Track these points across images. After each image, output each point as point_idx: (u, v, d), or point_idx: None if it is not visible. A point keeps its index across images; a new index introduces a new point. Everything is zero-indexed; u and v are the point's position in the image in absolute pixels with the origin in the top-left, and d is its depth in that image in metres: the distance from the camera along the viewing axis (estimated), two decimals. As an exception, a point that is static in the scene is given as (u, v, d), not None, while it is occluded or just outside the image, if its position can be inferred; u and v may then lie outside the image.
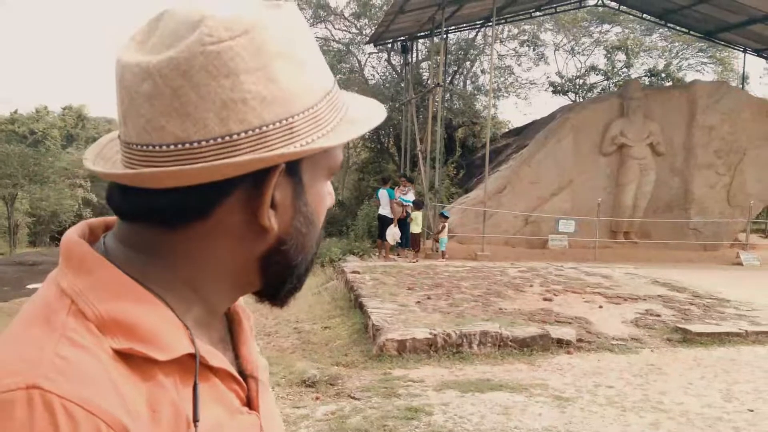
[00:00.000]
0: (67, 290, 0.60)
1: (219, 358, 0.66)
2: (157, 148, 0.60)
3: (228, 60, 0.59)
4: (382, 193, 14.30)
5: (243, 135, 0.60)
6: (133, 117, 0.61)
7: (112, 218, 0.70)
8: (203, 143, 0.59)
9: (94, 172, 0.66)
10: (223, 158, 0.59)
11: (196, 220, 0.63)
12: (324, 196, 0.72)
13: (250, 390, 0.71)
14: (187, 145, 0.59)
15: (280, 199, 0.65)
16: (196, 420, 0.60)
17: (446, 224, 13.95)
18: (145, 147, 0.60)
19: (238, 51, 0.59)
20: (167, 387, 0.59)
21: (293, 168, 0.65)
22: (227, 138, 0.59)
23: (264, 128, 0.60)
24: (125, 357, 0.58)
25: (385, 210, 13.92)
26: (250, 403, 0.70)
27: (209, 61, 0.59)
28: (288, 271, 0.70)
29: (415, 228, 13.88)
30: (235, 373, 0.68)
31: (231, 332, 0.76)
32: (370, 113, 0.71)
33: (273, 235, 0.66)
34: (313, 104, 0.64)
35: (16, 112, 39.77)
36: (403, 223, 13.93)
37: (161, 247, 0.65)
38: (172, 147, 0.59)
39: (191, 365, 0.62)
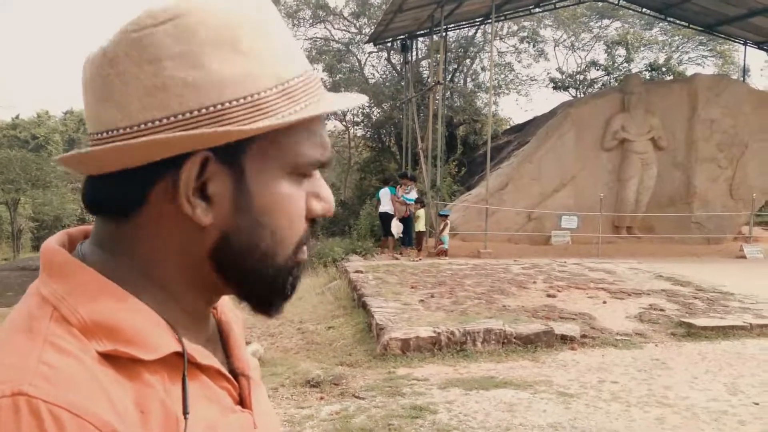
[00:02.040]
0: (48, 297, 0.61)
1: (208, 357, 0.66)
2: (95, 136, 0.62)
3: (149, 45, 0.59)
4: (383, 192, 14.34)
5: (165, 121, 0.59)
6: (85, 107, 0.64)
7: (90, 227, 0.71)
8: (127, 130, 0.60)
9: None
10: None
11: (137, 209, 0.63)
12: (286, 195, 0.65)
13: (242, 388, 0.71)
14: (113, 132, 0.61)
15: (215, 191, 0.63)
16: (185, 413, 0.60)
17: (447, 222, 13.96)
18: (91, 135, 0.64)
19: (161, 37, 0.59)
20: (155, 386, 0.59)
21: (231, 158, 0.63)
22: (149, 124, 0.59)
23: (187, 114, 0.59)
24: (111, 359, 0.58)
25: (386, 207, 13.95)
26: (242, 402, 0.70)
27: (132, 48, 0.59)
28: (245, 273, 0.67)
29: (420, 226, 13.89)
30: (226, 372, 0.69)
31: (221, 333, 0.76)
32: (334, 104, 0.67)
33: (214, 229, 0.64)
34: (255, 92, 0.61)
35: (17, 117, 39.87)
36: (407, 222, 13.95)
37: (121, 241, 0.65)
38: (104, 134, 0.61)
39: (179, 363, 0.62)
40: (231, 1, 0.62)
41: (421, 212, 13.84)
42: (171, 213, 0.63)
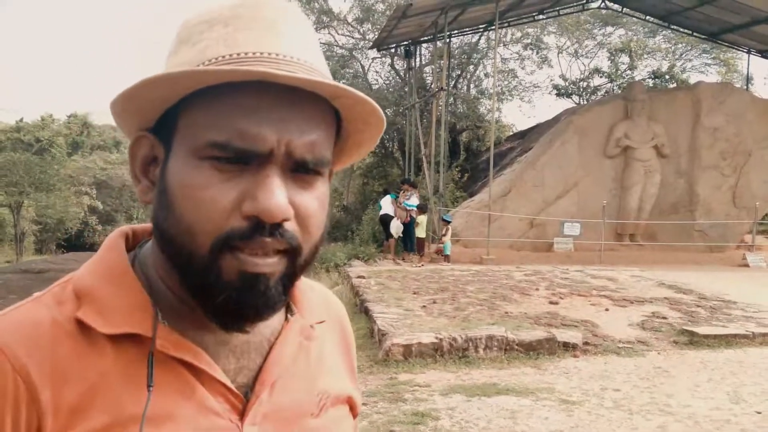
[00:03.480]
0: (77, 271, 0.71)
1: (184, 351, 0.67)
2: None
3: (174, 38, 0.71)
4: (384, 200, 14.36)
5: None
6: None
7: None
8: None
9: None
10: None
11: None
12: (193, 180, 0.64)
13: (249, 404, 0.70)
14: None
15: (153, 170, 0.70)
16: (149, 385, 0.64)
17: (449, 228, 13.96)
18: None
19: (178, 31, 0.71)
20: (110, 358, 0.65)
21: (166, 138, 0.68)
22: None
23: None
24: (84, 326, 0.66)
25: (387, 210, 13.96)
26: (243, 415, 0.69)
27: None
28: (172, 261, 0.67)
29: (420, 232, 13.89)
30: (218, 375, 0.68)
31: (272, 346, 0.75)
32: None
33: (153, 211, 0.68)
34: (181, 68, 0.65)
35: (21, 120, 39.94)
36: (408, 228, 13.95)
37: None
38: None
39: (149, 347, 0.66)
40: (202, 12, 0.70)
41: (423, 218, 13.84)
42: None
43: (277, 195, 0.63)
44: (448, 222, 14.10)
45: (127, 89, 0.64)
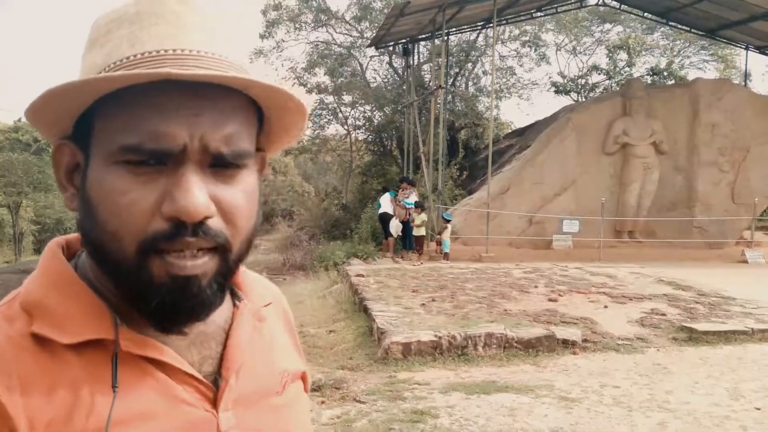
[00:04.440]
0: (21, 288, 0.70)
1: (149, 348, 0.67)
2: None
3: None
4: (383, 197, 14.37)
5: None
6: None
7: None
8: None
9: None
10: None
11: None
12: (109, 186, 0.64)
13: (219, 391, 0.71)
14: None
15: (76, 176, 0.70)
16: (114, 386, 0.64)
17: (448, 226, 13.94)
18: None
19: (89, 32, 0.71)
20: (74, 367, 0.64)
21: (81, 142, 0.68)
22: None
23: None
24: (41, 339, 0.65)
25: (386, 208, 13.97)
26: (215, 403, 0.70)
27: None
28: (101, 267, 0.68)
29: (419, 230, 13.89)
30: (185, 367, 0.69)
31: (228, 333, 0.76)
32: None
33: (78, 219, 0.69)
34: (97, 72, 0.66)
35: (19, 120, 39.90)
36: (406, 226, 13.95)
37: None
38: None
39: (113, 350, 0.66)
40: (109, 11, 0.70)
41: (422, 217, 13.84)
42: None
43: (194, 193, 0.62)
44: (448, 220, 14.09)
45: (34, 102, 0.63)
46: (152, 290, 0.64)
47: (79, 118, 0.67)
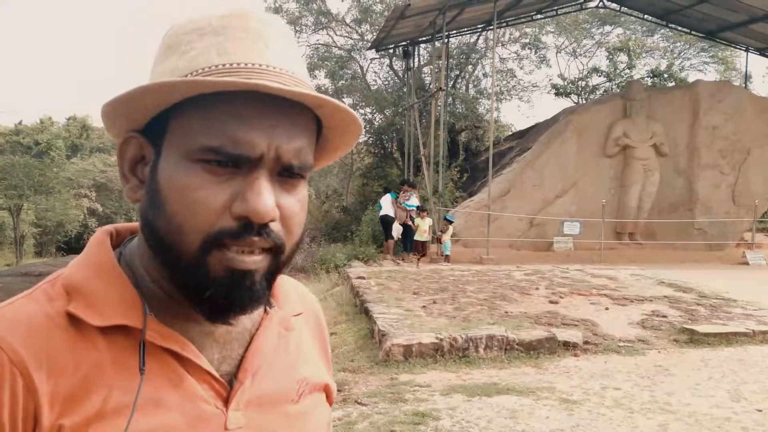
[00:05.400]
0: (65, 269, 0.74)
1: (172, 341, 0.71)
2: None
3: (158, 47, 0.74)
4: (384, 198, 14.37)
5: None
6: None
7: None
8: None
9: None
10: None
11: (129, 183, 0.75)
12: (183, 181, 0.67)
13: (233, 391, 0.74)
14: None
15: (143, 170, 0.73)
16: (141, 369, 0.68)
17: (450, 228, 13.91)
18: None
19: (165, 38, 0.74)
20: (101, 350, 0.68)
21: (156, 139, 0.71)
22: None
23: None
24: (75, 319, 0.69)
25: (387, 210, 13.96)
26: (227, 402, 0.73)
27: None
28: (161, 258, 0.71)
29: (422, 236, 13.84)
30: (204, 364, 0.72)
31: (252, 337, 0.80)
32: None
33: (142, 209, 0.72)
34: (181, 75, 0.69)
35: (20, 123, 39.98)
36: (407, 227, 13.94)
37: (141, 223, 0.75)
38: None
39: (139, 338, 0.70)
40: (187, 22, 0.73)
41: (428, 222, 13.76)
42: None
43: (266, 197, 0.67)
44: (451, 222, 14.06)
45: (124, 93, 0.67)
46: (209, 282, 0.68)
47: (155, 115, 0.71)
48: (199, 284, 0.68)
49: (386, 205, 14.13)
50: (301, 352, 0.85)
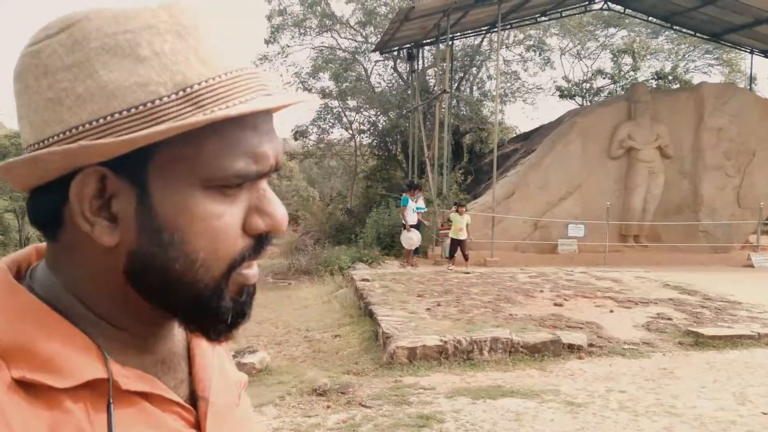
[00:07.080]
0: None
1: (143, 382, 0.62)
2: (23, 150, 0.61)
3: (45, 59, 0.57)
4: (407, 212, 13.60)
5: (62, 136, 0.57)
6: None
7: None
8: (33, 146, 0.59)
9: None
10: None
11: (61, 228, 0.61)
12: (202, 213, 0.59)
13: (200, 412, 0.68)
14: (27, 148, 0.59)
15: (118, 209, 0.59)
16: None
17: (464, 212, 13.23)
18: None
19: (55, 48, 0.57)
20: (74, 414, 0.57)
21: (132, 173, 0.58)
22: (50, 140, 0.57)
23: (80, 128, 0.56)
24: (27, 385, 0.55)
25: (412, 221, 13.51)
26: (199, 425, 0.67)
27: (31, 62, 0.58)
28: (166, 297, 0.62)
29: (456, 233, 13.04)
30: (172, 396, 0.65)
31: (189, 352, 0.73)
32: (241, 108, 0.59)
33: (122, 250, 0.60)
34: (149, 100, 0.56)
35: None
36: (418, 227, 13.79)
37: (57, 262, 0.63)
38: (24, 150, 0.60)
39: (106, 388, 0.59)
40: (136, 5, 0.59)
41: (464, 219, 12.88)
42: (86, 233, 0.59)
43: (281, 206, 0.63)
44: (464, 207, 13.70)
45: (139, 136, 0.55)
46: (228, 306, 0.63)
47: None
48: (221, 312, 0.63)
49: (411, 216, 13.54)
50: (221, 353, 0.79)
